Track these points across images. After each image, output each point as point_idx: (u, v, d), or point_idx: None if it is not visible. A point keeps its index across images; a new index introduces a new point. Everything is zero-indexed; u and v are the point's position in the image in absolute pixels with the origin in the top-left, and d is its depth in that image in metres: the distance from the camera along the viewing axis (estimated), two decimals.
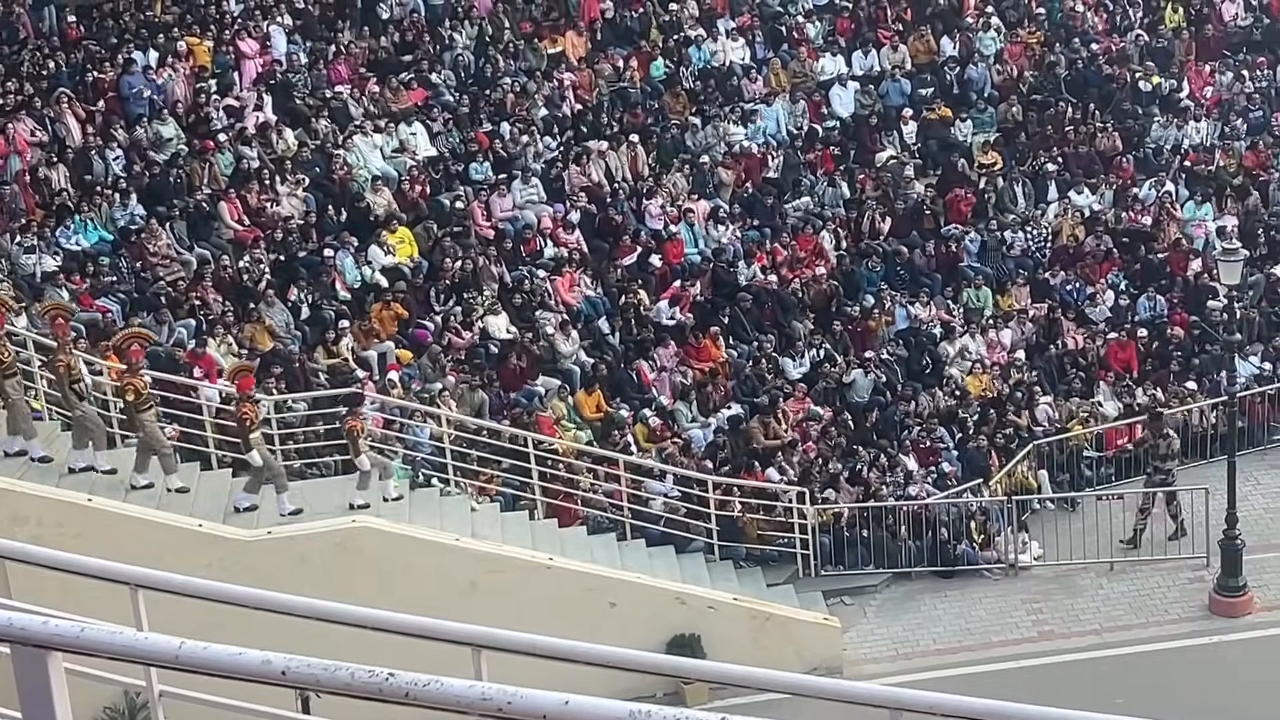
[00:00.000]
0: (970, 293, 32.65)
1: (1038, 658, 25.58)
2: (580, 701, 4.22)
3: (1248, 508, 27.99)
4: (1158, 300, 32.55)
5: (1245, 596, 26.39)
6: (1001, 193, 34.66)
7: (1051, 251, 33.80)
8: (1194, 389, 30.71)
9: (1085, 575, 27.69)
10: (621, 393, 29.52)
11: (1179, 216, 34.11)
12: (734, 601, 25.30)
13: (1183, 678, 24.68)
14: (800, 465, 28.31)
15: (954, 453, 29.26)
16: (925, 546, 27.76)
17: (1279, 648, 25.38)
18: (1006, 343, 31.83)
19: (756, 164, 34.64)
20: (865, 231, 33.60)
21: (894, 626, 26.67)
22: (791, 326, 31.52)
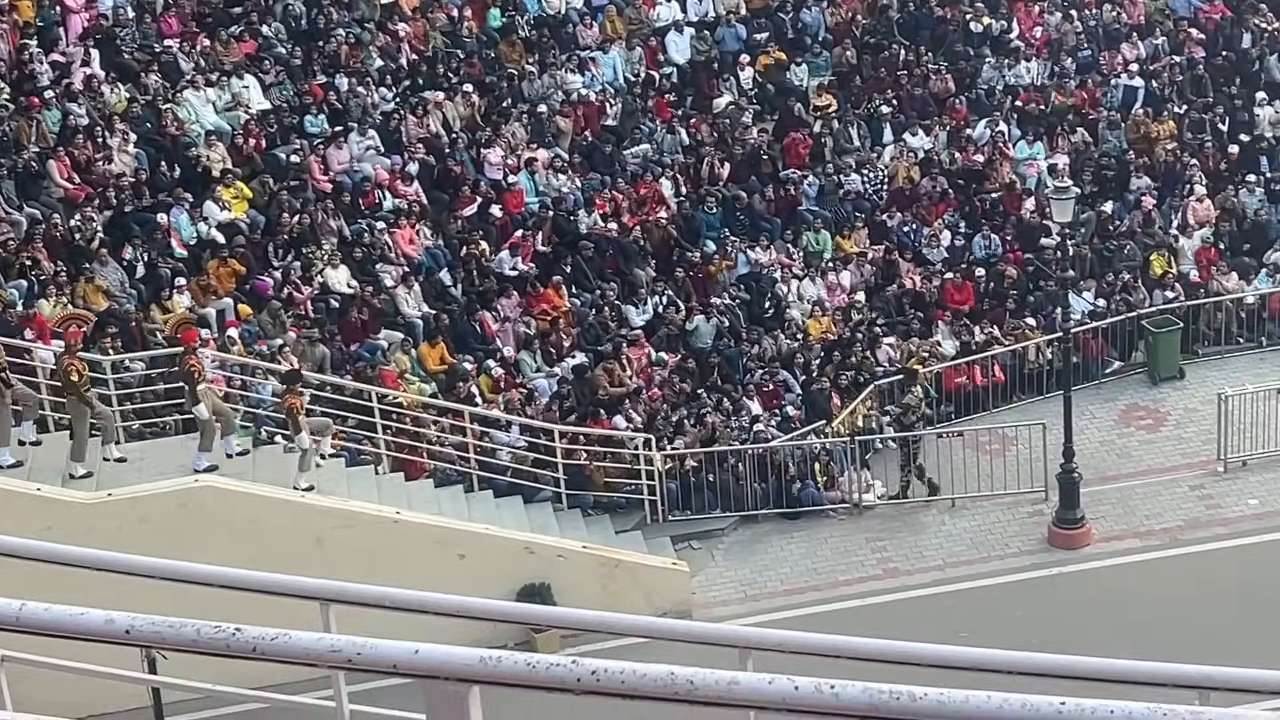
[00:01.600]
0: (809, 236, 32.88)
1: (883, 595, 25.94)
2: (430, 650, 4.21)
3: (1084, 441, 28.52)
4: (993, 239, 32.99)
5: (1083, 528, 26.93)
6: (837, 136, 34.90)
7: (888, 193, 34.11)
8: (1030, 326, 31.19)
9: (928, 513, 28.10)
10: (465, 344, 29.41)
11: (1011, 156, 34.56)
12: (583, 549, 25.37)
13: (1024, 610, 25.15)
14: (645, 412, 28.41)
15: (797, 395, 29.51)
16: (770, 489, 28.00)
17: (1117, 578, 25.95)
18: (846, 285, 32.11)
19: (595, 112, 34.57)
20: (704, 177, 33.69)
21: (742, 569, 26.90)
22: (633, 274, 31.56)
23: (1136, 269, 32.41)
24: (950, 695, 4.01)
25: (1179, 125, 35.27)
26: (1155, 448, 29.40)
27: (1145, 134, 35.04)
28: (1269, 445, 28.60)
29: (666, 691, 4.14)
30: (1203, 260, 32.81)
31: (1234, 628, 23.31)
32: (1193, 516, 27.31)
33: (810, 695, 4.05)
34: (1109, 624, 23.99)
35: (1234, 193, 33.90)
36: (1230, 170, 34.54)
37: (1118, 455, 29.26)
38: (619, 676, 4.13)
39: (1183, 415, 30.23)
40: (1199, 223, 33.37)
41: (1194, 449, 29.14)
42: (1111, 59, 36.71)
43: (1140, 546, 26.71)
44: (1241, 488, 27.99)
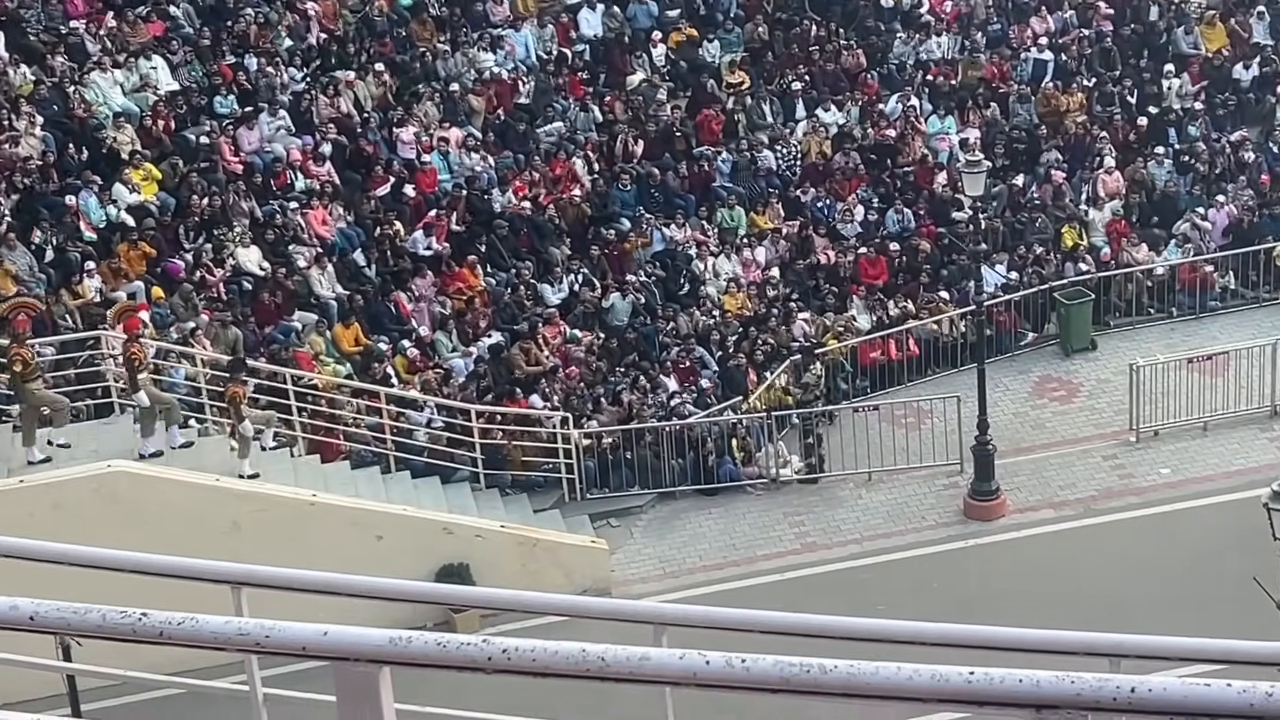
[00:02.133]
0: (724, 212, 32.92)
1: (801, 569, 26.05)
2: (340, 631, 4.18)
3: (998, 414, 28.73)
4: (906, 214, 33.13)
5: (998, 500, 27.13)
6: (750, 112, 34.95)
7: (802, 169, 34.19)
8: (943, 299, 31.37)
9: (844, 486, 28.23)
10: (380, 325, 29.27)
11: (923, 131, 34.71)
12: (501, 529, 25.34)
13: (941, 581, 25.32)
14: (563, 390, 28.39)
15: (713, 371, 29.57)
16: (688, 465, 28.05)
17: (1032, 548, 26.17)
18: (761, 261, 32.18)
19: (507, 90, 34.45)
20: (618, 155, 33.65)
21: (660, 545, 26.94)
22: (549, 252, 31.51)
23: (1048, 241, 32.65)
24: (860, 667, 4.02)
25: (1088, 98, 35.54)
26: (1068, 419, 29.66)
27: (1055, 107, 35.29)
28: (1180, 414, 28.91)
29: (578, 669, 4.12)
30: (1113, 232, 33.09)
31: (1147, 596, 23.56)
32: (1106, 486, 27.57)
33: (721, 670, 4.05)
34: (1024, 594, 24.20)
35: (1143, 165, 34.20)
36: (1139, 142, 34.83)
37: (1031, 427, 29.49)
38: (530, 655, 4.11)
39: (1095, 386, 30.50)
40: (1109, 195, 33.64)
41: (1106, 419, 29.42)
42: (1021, 33, 36.92)
43: (1054, 517, 26.95)
44: (1154, 457, 28.28)
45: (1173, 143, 34.83)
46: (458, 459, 27.22)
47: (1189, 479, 27.59)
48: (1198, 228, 32.87)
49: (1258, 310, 32.28)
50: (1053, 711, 3.87)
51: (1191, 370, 29.28)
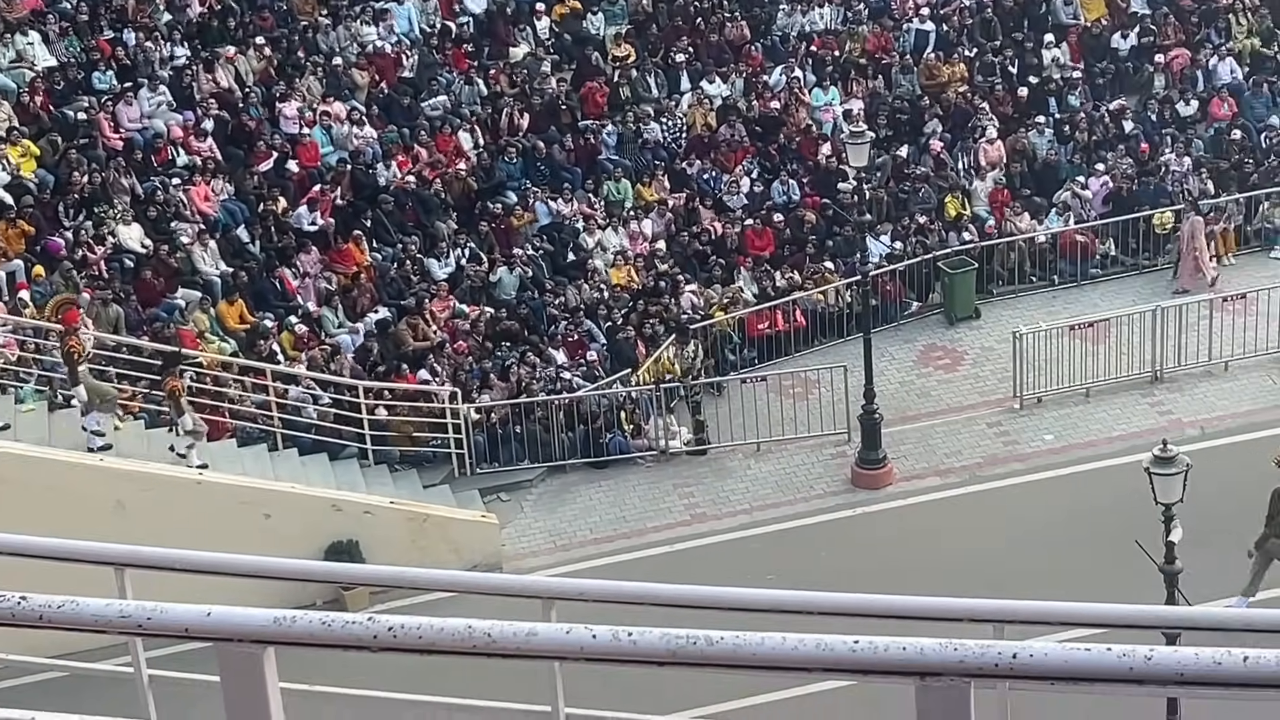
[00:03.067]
0: (610, 185, 32.91)
1: (691, 540, 26.15)
2: (223, 612, 4.14)
3: (884, 383, 28.95)
4: (791, 185, 33.27)
5: (885, 468, 27.35)
6: (635, 84, 34.93)
7: (687, 141, 34.23)
8: (829, 270, 31.53)
9: (733, 457, 28.35)
10: (265, 302, 29.03)
11: (808, 102, 34.84)
12: (390, 505, 25.24)
13: (829, 550, 25.50)
14: (451, 365, 28.29)
15: (602, 345, 29.58)
16: (578, 438, 28.06)
17: (918, 515, 26.41)
18: (648, 233, 32.20)
19: (391, 64, 34.23)
20: (503, 128, 33.54)
21: (551, 519, 26.95)
22: (434, 227, 31.35)
23: (931, 211, 32.90)
24: (746, 638, 4.04)
25: (969, 68, 35.82)
26: (953, 387, 29.94)
27: (937, 78, 35.54)
28: (1063, 382, 29.25)
29: (465, 645, 4.12)
30: (995, 201, 33.39)
31: (1031, 561, 23.84)
32: (991, 453, 27.86)
33: (608, 643, 4.05)
34: (911, 562, 24.41)
35: (1024, 134, 34.52)
36: (1020, 112, 35.16)
37: (917, 395, 29.75)
38: (416, 632, 4.10)
39: (979, 354, 30.80)
40: (990, 164, 33.94)
41: (991, 387, 29.72)
42: (903, 4, 37.12)
43: (941, 484, 27.21)
44: (1037, 424, 28.61)
45: (1053, 112, 35.20)
46: (346, 435, 27.07)
47: (1072, 445, 27.93)
48: (1078, 196, 33.24)
49: (1138, 277, 32.71)
50: (936, 679, 3.91)
51: (1073, 337, 29.63)
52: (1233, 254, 32.94)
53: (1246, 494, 25.54)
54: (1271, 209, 33.14)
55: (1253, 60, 36.18)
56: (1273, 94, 35.37)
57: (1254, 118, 35.04)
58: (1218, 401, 28.77)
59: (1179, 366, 29.48)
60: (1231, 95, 35.27)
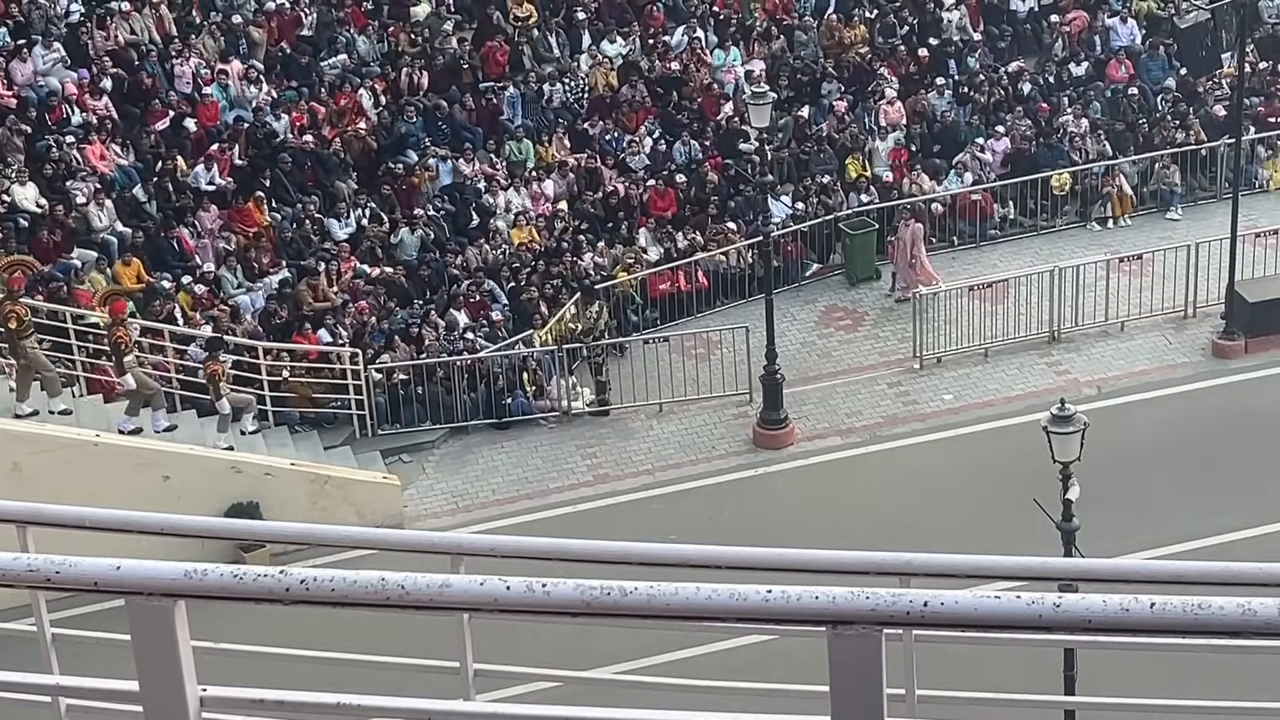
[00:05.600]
0: (512, 145, 32.78)
1: (594, 501, 26.22)
2: (133, 565, 4.10)
3: (786, 343, 29.06)
4: (693, 145, 33.26)
5: (787, 428, 27.49)
6: (536, 44, 34.78)
7: (589, 101, 34.14)
8: (731, 230, 31.59)
9: (636, 418, 28.39)
10: (162, 262, 28.71)
11: (709, 62, 34.84)
12: (291, 467, 25.11)
13: (732, 509, 25.63)
14: (352, 326, 28.12)
15: (504, 305, 29.51)
16: (480, 399, 28.01)
17: (820, 474, 26.59)
18: (550, 194, 32.11)
19: (289, 22, 33.88)
20: (404, 88, 33.30)
21: (453, 480, 26.91)
22: (335, 187, 31.12)
23: (832, 172, 33.01)
24: (660, 588, 4.05)
25: (870, 30, 35.92)
26: (854, 347, 30.11)
27: (838, 39, 35.62)
28: (962, 342, 29.50)
29: (378, 598, 4.10)
30: (895, 162, 33.55)
31: (932, 520, 24.05)
32: (891, 413, 28.07)
33: (522, 595, 4.05)
34: (814, 520, 24.58)
35: (924, 95, 34.69)
36: (920, 74, 35.31)
37: (818, 356, 29.89)
38: (329, 585, 4.08)
39: (879, 315, 30.98)
40: (891, 125, 34.09)
41: (891, 347, 29.92)
42: None
43: (842, 444, 27.39)
44: (937, 384, 28.84)
45: (952, 74, 35.38)
46: None
47: (971, 404, 28.18)
48: (977, 158, 33.46)
49: (1036, 238, 32.99)
50: (848, 627, 3.94)
51: (973, 298, 29.89)
52: (1129, 215, 33.29)
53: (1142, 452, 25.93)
54: (1167, 170, 33.50)
55: (1149, 23, 36.53)
56: (1168, 56, 35.74)
57: (1150, 80, 35.39)
58: (1114, 361, 29.12)
59: (1076, 327, 29.81)
60: (1128, 58, 35.60)
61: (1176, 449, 26.13)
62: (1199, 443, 26.33)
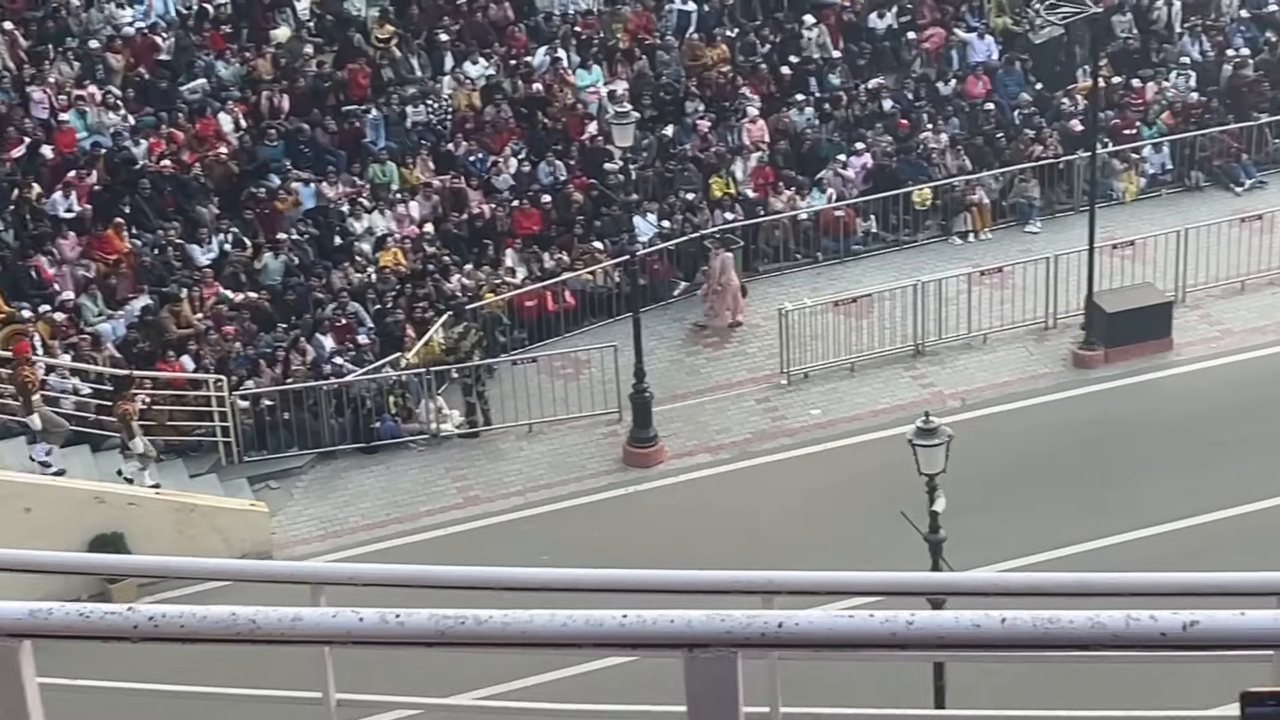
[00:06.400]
0: (376, 168, 32.60)
1: (466, 524, 26.13)
2: None
3: (654, 362, 29.10)
4: (558, 165, 33.26)
5: (657, 446, 27.55)
6: (399, 66, 34.63)
7: (452, 123, 34.04)
8: (598, 250, 31.61)
9: (506, 439, 28.32)
10: (20, 291, 28.26)
11: (572, 83, 34.86)
12: (156, 496, 24.78)
13: (604, 529, 25.63)
14: (217, 352, 27.83)
15: (370, 329, 29.33)
16: (347, 424, 27.82)
17: (690, 492, 26.66)
18: (415, 216, 31.98)
19: (147, 47, 33.50)
20: (265, 111, 33.03)
21: (322, 506, 26.70)
22: (196, 212, 30.79)
23: (697, 190, 33.14)
24: (515, 616, 4.02)
25: (731, 49, 36.11)
26: (722, 364, 30.23)
27: (700, 58, 35.78)
28: (828, 357, 29.71)
29: (229, 633, 4.04)
30: (759, 179, 33.75)
31: (802, 534, 24.20)
32: (760, 429, 28.21)
33: (376, 626, 4.01)
34: (685, 538, 24.62)
35: (786, 113, 34.92)
36: (781, 91, 35.55)
37: (687, 373, 29.98)
38: (178, 621, 4.01)
39: (746, 331, 31.10)
40: (754, 143, 34.28)
41: (758, 363, 30.07)
42: None
43: (711, 461, 27.49)
44: (804, 399, 29.02)
45: (814, 91, 35.63)
46: (108, 426, 26.46)
47: (838, 419, 28.38)
48: (839, 174, 33.74)
49: (899, 253, 33.27)
50: (704, 650, 3.93)
51: (838, 313, 30.12)
52: (989, 228, 33.70)
53: (1006, 463, 26.25)
54: (1026, 184, 33.96)
55: (1004, 39, 37.02)
56: (1024, 71, 36.23)
57: (1007, 95, 35.86)
58: (978, 373, 29.45)
59: (940, 340, 30.12)
60: (985, 73, 36.07)
61: (1040, 459, 26.48)
62: (1062, 452, 26.70)
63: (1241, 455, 26.06)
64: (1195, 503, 24.99)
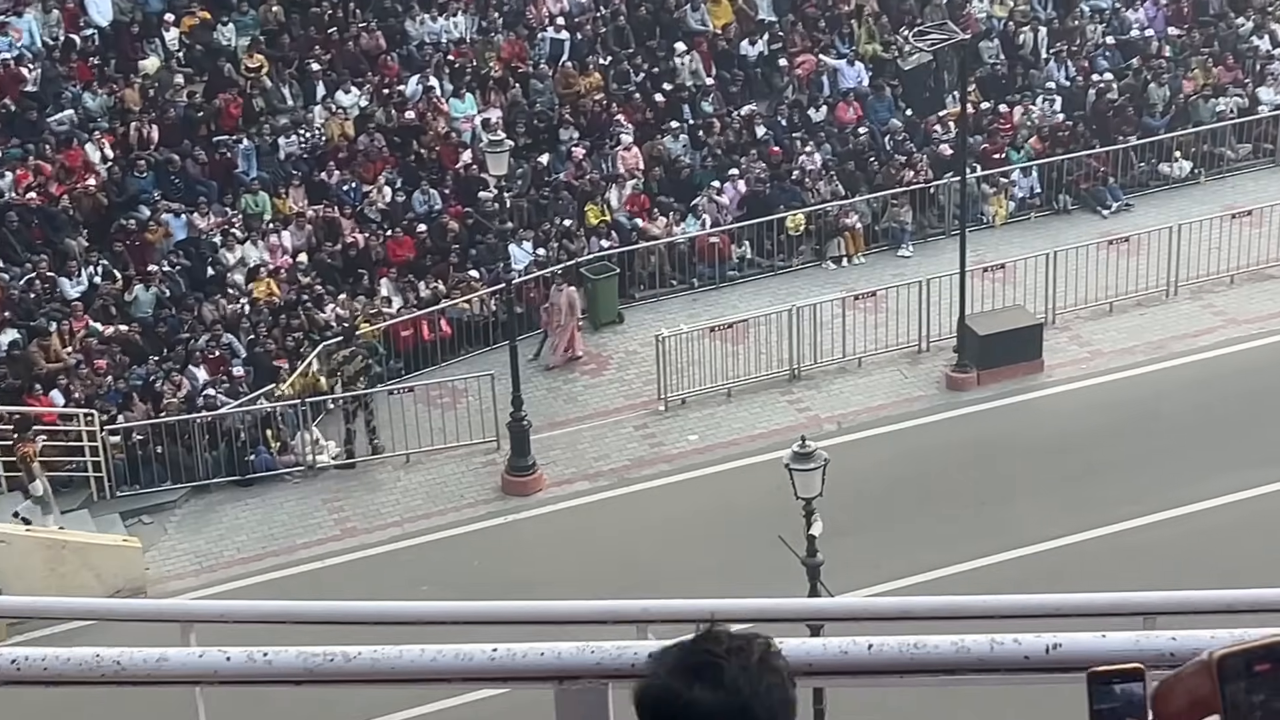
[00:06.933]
0: (248, 199, 32.35)
1: (343, 555, 25.95)
2: None
3: (531, 390, 29.09)
4: (432, 194, 33.17)
5: (535, 475, 27.51)
6: (270, 96, 34.41)
7: (324, 152, 33.86)
8: (474, 278, 31.54)
9: (383, 469, 28.17)
10: None
11: (446, 111, 34.79)
12: (26, 533, 24.40)
13: (483, 558, 25.54)
14: (87, 387, 27.46)
15: (244, 360, 29.07)
16: (222, 457, 27.54)
17: (569, 519, 26.64)
18: (288, 246, 31.77)
19: (12, 78, 33.04)
20: (134, 142, 32.69)
21: (196, 540, 26.41)
22: (65, 244, 30.40)
23: (573, 218, 33.16)
24: (384, 651, 4.01)
25: (605, 76, 36.21)
26: (600, 391, 30.25)
27: (573, 86, 35.85)
28: (705, 382, 29.81)
29: (94, 675, 3.99)
30: (634, 207, 33.84)
31: (681, 561, 24.23)
32: (638, 455, 28.25)
33: (244, 665, 3.98)
34: (564, 565, 24.61)
35: (660, 140, 35.05)
36: (655, 118, 35.68)
37: (565, 401, 29.97)
38: (41, 664, 3.96)
39: (624, 358, 31.16)
40: (628, 171, 34.37)
41: (636, 390, 30.12)
42: (538, 12, 37.32)
43: (590, 488, 27.49)
44: (682, 424, 29.10)
45: (687, 118, 35.80)
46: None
47: (716, 444, 28.48)
48: (714, 200, 33.90)
49: (774, 278, 33.45)
50: (574, 681, 3.94)
51: (714, 339, 30.24)
52: (862, 253, 33.97)
53: (882, 486, 26.47)
54: (898, 209, 34.29)
55: (874, 65, 37.40)
56: (894, 97, 36.61)
57: (878, 120, 36.22)
58: (853, 397, 29.67)
59: (815, 364, 30.32)
60: (857, 99, 36.42)
61: (916, 481, 26.71)
62: (938, 474, 26.96)
63: (1110, 475, 26.43)
64: (1066, 523, 25.31)
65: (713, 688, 3.21)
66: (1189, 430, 27.56)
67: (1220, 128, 36.55)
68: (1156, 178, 36.02)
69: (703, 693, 3.21)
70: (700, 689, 3.21)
